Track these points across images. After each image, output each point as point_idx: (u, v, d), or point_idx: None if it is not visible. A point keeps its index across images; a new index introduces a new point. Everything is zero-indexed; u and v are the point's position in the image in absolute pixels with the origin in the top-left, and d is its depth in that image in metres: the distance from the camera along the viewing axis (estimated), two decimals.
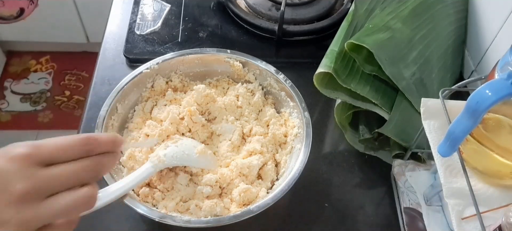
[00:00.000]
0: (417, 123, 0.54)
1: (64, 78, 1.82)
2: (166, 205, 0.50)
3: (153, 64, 0.60)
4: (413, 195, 0.55)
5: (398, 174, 0.57)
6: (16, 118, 1.69)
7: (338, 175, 0.60)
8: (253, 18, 0.77)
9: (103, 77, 0.70)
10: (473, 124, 0.39)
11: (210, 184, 0.52)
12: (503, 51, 0.44)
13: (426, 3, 0.67)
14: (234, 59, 0.62)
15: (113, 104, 0.56)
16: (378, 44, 0.58)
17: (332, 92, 0.61)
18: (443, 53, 0.65)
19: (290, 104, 0.59)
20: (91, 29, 1.71)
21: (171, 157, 0.51)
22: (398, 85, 0.58)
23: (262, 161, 0.54)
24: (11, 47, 1.85)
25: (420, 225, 0.53)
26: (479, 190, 0.45)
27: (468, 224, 0.43)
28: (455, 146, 0.41)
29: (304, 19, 0.78)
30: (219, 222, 0.47)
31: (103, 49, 0.74)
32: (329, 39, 0.66)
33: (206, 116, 0.59)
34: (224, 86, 0.63)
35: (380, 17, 0.65)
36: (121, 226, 0.54)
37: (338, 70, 0.59)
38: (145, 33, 0.76)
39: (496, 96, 0.37)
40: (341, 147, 0.64)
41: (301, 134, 0.55)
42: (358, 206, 0.57)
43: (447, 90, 0.49)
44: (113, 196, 0.46)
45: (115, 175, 0.50)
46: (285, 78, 0.59)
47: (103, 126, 0.53)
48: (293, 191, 0.49)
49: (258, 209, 0.47)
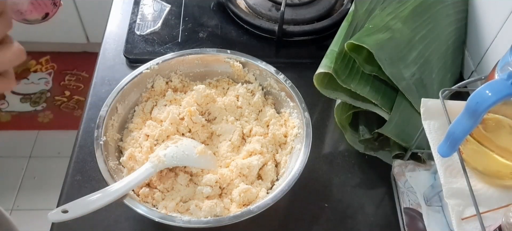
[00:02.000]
0: (417, 123, 0.54)
1: (64, 78, 1.81)
2: (166, 205, 0.50)
3: (153, 64, 0.60)
4: (413, 195, 0.55)
5: (398, 174, 0.57)
6: (16, 118, 1.69)
7: (338, 175, 0.60)
8: (253, 18, 0.77)
9: (103, 78, 0.70)
10: (473, 124, 0.39)
11: (210, 184, 0.52)
12: (503, 52, 0.44)
13: (426, 3, 0.67)
14: (234, 60, 0.62)
15: (113, 105, 0.56)
16: (378, 44, 0.58)
17: (332, 92, 0.61)
18: (443, 54, 0.65)
19: (290, 104, 0.59)
20: (91, 29, 1.71)
21: (171, 157, 0.52)
22: (398, 85, 0.58)
23: (262, 161, 0.54)
24: None
25: (420, 226, 0.53)
26: (479, 190, 0.45)
27: (468, 224, 0.43)
28: (455, 146, 0.41)
29: (304, 19, 0.78)
30: (219, 222, 0.47)
31: (103, 49, 0.74)
32: (329, 40, 0.66)
33: (206, 116, 0.59)
34: (224, 87, 0.63)
35: (380, 18, 0.65)
36: (121, 227, 0.54)
37: (338, 71, 0.59)
38: (145, 33, 0.76)
39: (496, 96, 0.37)
40: (341, 147, 0.64)
41: (301, 134, 0.55)
42: (358, 206, 0.57)
43: (447, 90, 0.49)
44: (113, 196, 0.46)
45: (115, 175, 0.50)
46: (285, 78, 0.59)
47: (103, 126, 0.53)
48: (293, 191, 0.49)
49: (258, 209, 0.47)
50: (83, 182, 0.57)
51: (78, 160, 0.59)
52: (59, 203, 0.55)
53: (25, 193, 1.48)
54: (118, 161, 0.53)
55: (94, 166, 0.51)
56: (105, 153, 0.51)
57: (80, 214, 0.44)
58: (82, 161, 0.59)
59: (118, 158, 0.54)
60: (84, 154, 0.60)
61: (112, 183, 0.48)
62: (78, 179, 0.57)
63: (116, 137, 0.55)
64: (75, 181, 0.57)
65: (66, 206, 0.44)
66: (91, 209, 0.45)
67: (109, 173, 0.49)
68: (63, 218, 0.43)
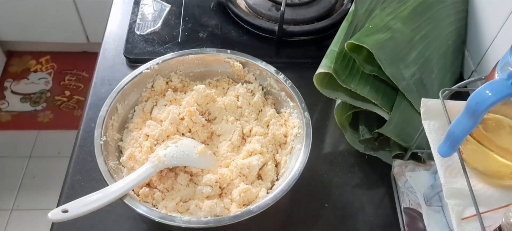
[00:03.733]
0: (417, 123, 0.54)
1: (64, 78, 1.81)
2: (166, 205, 0.50)
3: (153, 64, 0.60)
4: (413, 195, 0.55)
5: (398, 174, 0.57)
6: (16, 118, 1.69)
7: (338, 175, 0.60)
8: (253, 18, 0.77)
9: (103, 78, 0.70)
10: (473, 124, 0.39)
11: (210, 184, 0.52)
12: (503, 52, 0.44)
13: (426, 4, 0.67)
14: (234, 60, 0.62)
15: (113, 105, 0.56)
16: (378, 44, 0.58)
17: (332, 92, 0.61)
18: (443, 54, 0.65)
19: (290, 104, 0.59)
20: (91, 29, 1.71)
21: (171, 157, 0.52)
22: (398, 85, 0.58)
23: (262, 161, 0.54)
24: (11, 47, 1.85)
25: (420, 226, 0.53)
26: (479, 190, 0.45)
27: (468, 224, 0.43)
28: (455, 146, 0.41)
29: (304, 19, 0.78)
30: (219, 222, 0.47)
31: (103, 49, 0.74)
32: (329, 39, 0.66)
33: (206, 116, 0.59)
34: (224, 87, 0.63)
35: (380, 18, 0.65)
36: (121, 226, 0.54)
37: (338, 71, 0.59)
38: (145, 33, 0.76)
39: (496, 96, 0.37)
40: (341, 147, 0.64)
41: (301, 134, 0.55)
42: (358, 206, 0.57)
43: (447, 90, 0.49)
44: (113, 196, 0.46)
45: (115, 175, 0.50)
46: (285, 78, 0.59)
47: (103, 126, 0.53)
48: (293, 191, 0.49)
49: (258, 209, 0.47)
50: (83, 182, 0.57)
51: (78, 160, 0.59)
52: (59, 203, 0.55)
53: (25, 193, 1.48)
54: (118, 160, 0.53)
55: (94, 166, 0.51)
56: (105, 152, 0.51)
57: (80, 214, 0.44)
58: (82, 161, 0.59)
59: (118, 157, 0.54)
60: (84, 153, 0.60)
61: (112, 183, 0.48)
62: (78, 178, 0.57)
63: (116, 136, 0.55)
64: (75, 181, 0.57)
65: (66, 205, 0.44)
66: (91, 209, 0.45)
67: (109, 173, 0.49)
68: (63, 217, 0.43)
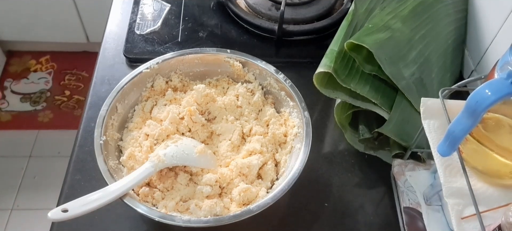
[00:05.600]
0: (417, 122, 0.54)
1: (64, 78, 1.81)
2: (166, 204, 0.50)
3: (153, 64, 0.60)
4: (413, 194, 0.55)
5: (398, 174, 0.57)
6: (16, 117, 1.69)
7: (338, 175, 0.60)
8: (253, 18, 0.77)
9: (103, 77, 0.70)
10: (472, 124, 0.39)
11: (210, 183, 0.52)
12: (503, 51, 0.44)
13: (425, 3, 0.67)
14: (234, 59, 0.62)
15: (113, 104, 0.56)
16: (377, 44, 0.58)
17: (332, 92, 0.61)
18: (443, 53, 0.65)
19: (290, 104, 0.59)
20: (91, 29, 1.71)
21: (171, 156, 0.52)
22: (397, 85, 0.58)
23: (262, 161, 0.54)
24: (11, 47, 1.85)
25: (420, 225, 0.53)
26: (478, 189, 0.45)
27: (468, 224, 0.43)
28: (454, 146, 0.41)
29: (304, 19, 0.78)
30: (219, 222, 0.47)
31: (103, 49, 0.74)
32: (329, 39, 0.66)
33: (206, 116, 0.59)
34: (224, 86, 0.63)
35: (380, 17, 0.65)
36: (121, 226, 0.54)
37: (338, 70, 0.59)
38: (145, 33, 0.76)
39: (496, 96, 0.37)
40: (341, 146, 0.64)
41: (301, 134, 0.55)
42: (358, 206, 0.57)
43: (447, 90, 0.49)
44: (113, 195, 0.46)
45: (115, 175, 0.50)
46: (285, 78, 0.59)
47: (103, 125, 0.53)
48: (293, 190, 0.49)
49: (258, 208, 0.47)
50: (83, 181, 0.57)
51: (78, 159, 0.59)
52: (59, 203, 0.55)
53: (25, 193, 1.48)
54: (118, 160, 0.53)
55: (94, 165, 0.51)
56: (105, 152, 0.51)
57: (80, 214, 0.44)
58: (82, 160, 0.59)
59: (118, 157, 0.54)
60: (84, 153, 0.60)
61: (112, 182, 0.48)
62: (78, 178, 0.57)
63: (116, 136, 0.55)
64: (75, 180, 0.57)
65: (66, 205, 0.44)
66: (91, 209, 0.45)
67: (109, 172, 0.49)
68: (63, 217, 0.43)
